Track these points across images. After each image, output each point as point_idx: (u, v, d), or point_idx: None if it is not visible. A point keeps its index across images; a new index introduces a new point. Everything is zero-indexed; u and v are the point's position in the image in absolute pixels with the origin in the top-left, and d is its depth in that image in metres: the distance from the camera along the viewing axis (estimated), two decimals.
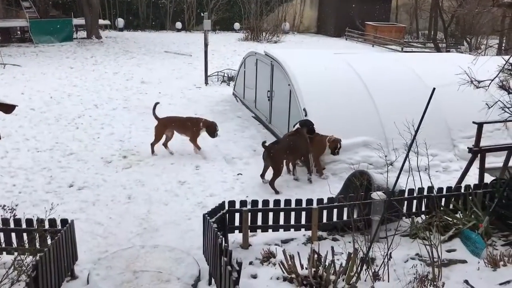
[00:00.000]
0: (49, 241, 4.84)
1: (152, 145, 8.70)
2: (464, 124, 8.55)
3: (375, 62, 10.93)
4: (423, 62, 11.06)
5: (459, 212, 6.19)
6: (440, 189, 6.30)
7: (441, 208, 6.08)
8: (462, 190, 6.33)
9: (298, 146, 7.66)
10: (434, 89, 4.70)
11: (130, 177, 7.83)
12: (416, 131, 4.79)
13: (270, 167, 7.50)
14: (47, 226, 5.03)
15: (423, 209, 6.19)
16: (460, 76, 6.08)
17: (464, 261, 5.34)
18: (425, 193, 6.11)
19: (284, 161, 7.76)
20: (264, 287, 4.80)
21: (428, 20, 28.36)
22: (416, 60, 11.46)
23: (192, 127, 8.66)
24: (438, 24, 24.74)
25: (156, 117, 8.78)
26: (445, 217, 6.02)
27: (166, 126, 8.72)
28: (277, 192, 7.29)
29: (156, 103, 9.06)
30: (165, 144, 8.80)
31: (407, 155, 4.82)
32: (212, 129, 8.60)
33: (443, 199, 6.29)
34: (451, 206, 6.30)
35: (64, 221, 5.12)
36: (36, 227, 4.99)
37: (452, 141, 8.75)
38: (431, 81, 8.84)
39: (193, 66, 17.48)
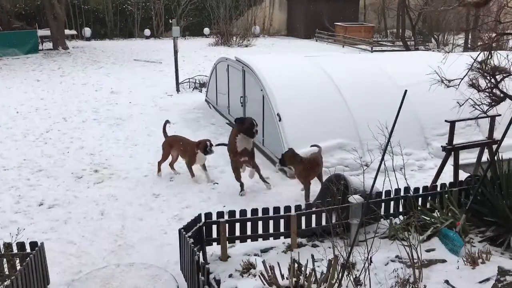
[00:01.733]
0: (18, 266, 4.63)
1: (159, 163, 8.26)
2: (437, 122, 8.65)
3: (346, 63, 10.96)
4: (394, 61, 11.17)
5: (436, 211, 6.21)
6: (416, 189, 6.30)
7: (419, 208, 6.08)
8: (438, 189, 6.36)
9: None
10: (406, 91, 4.68)
11: (103, 192, 7.61)
12: (390, 133, 4.76)
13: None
14: (15, 250, 4.81)
15: (400, 210, 6.19)
16: (430, 76, 6.13)
17: (443, 261, 5.33)
18: (402, 193, 6.10)
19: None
20: None
21: (395, 19, 28.80)
22: (386, 60, 11.57)
23: (190, 150, 8.05)
24: (406, 22, 25.13)
25: (164, 135, 8.42)
26: (422, 216, 6.02)
27: (172, 146, 8.26)
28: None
29: (167, 121, 8.70)
30: (171, 165, 8.34)
31: (382, 158, 4.78)
32: (202, 146, 7.93)
33: (420, 199, 6.31)
34: (428, 205, 6.31)
35: (33, 244, 4.91)
36: (3, 252, 4.76)
37: (425, 140, 8.82)
38: (402, 80, 8.94)
39: (164, 73, 17.28)
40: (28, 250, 4.86)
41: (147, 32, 27.99)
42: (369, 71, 9.95)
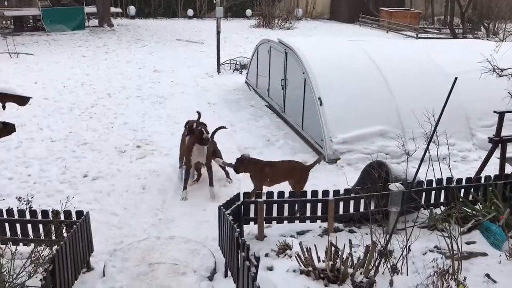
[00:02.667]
0: (65, 233, 4.84)
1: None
2: (483, 112, 8.40)
3: (391, 49, 10.73)
4: (441, 48, 10.84)
5: (479, 203, 6.07)
6: (459, 180, 6.17)
7: (460, 199, 5.96)
8: (482, 181, 6.20)
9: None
10: (456, 78, 4.55)
11: (144, 167, 7.80)
12: (437, 122, 4.66)
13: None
14: (62, 218, 5.02)
15: (442, 200, 6.08)
16: (481, 64, 5.93)
17: (484, 254, 5.23)
18: (444, 184, 5.99)
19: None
20: (281, 280, 4.74)
21: (444, 5, 27.82)
22: (433, 46, 11.24)
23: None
24: (455, 9, 24.24)
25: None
26: (464, 208, 5.90)
27: None
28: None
29: (219, 128, 7.55)
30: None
31: (427, 146, 4.70)
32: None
33: (463, 190, 6.18)
34: (470, 197, 6.18)
35: (79, 213, 5.11)
36: (51, 218, 4.98)
37: (470, 130, 8.58)
38: (449, 68, 8.68)
39: (205, 54, 17.38)
40: (74, 218, 5.07)
41: (190, 12, 28.15)
42: (415, 58, 9.71)
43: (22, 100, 3.78)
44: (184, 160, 7.01)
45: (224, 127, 7.67)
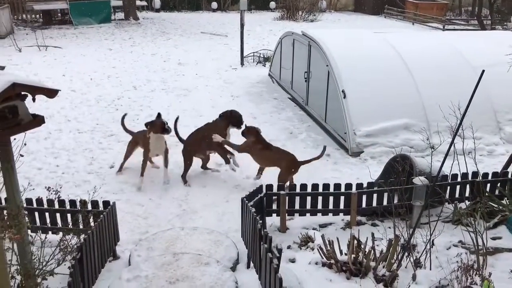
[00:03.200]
0: (92, 222, 4.97)
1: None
2: (511, 106, 8.21)
3: (417, 41, 10.57)
4: (467, 40, 10.63)
5: (505, 198, 5.97)
6: (485, 174, 6.08)
7: (486, 194, 5.87)
8: (510, 176, 6.10)
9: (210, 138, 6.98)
10: (483, 71, 4.47)
11: (170, 158, 7.88)
12: (463, 115, 4.60)
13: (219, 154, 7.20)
14: (89, 208, 5.16)
15: (467, 194, 6.00)
16: (510, 57, 5.81)
17: (511, 250, 5.15)
18: (469, 178, 5.90)
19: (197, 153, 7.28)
20: (303, 272, 4.78)
21: None
22: (460, 38, 11.02)
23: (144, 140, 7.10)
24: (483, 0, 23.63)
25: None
26: (490, 203, 5.82)
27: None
28: (185, 182, 7.02)
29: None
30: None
31: (453, 139, 4.64)
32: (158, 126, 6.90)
33: (489, 185, 6.08)
34: (496, 192, 6.08)
35: (106, 203, 5.24)
36: (79, 208, 5.12)
37: (498, 124, 8.41)
38: (477, 61, 8.52)
39: (229, 47, 17.41)
40: (101, 208, 5.19)
41: (214, 5, 28.19)
42: (441, 50, 9.54)
43: (50, 93, 3.87)
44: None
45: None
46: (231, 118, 7.14)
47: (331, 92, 8.81)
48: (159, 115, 7.11)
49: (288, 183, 6.43)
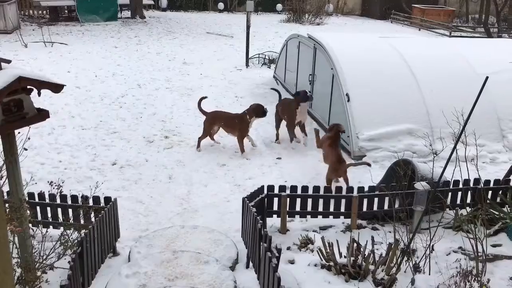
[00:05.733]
0: (92, 218, 4.99)
1: (200, 139, 8.29)
2: None
3: (422, 46, 10.56)
4: (473, 47, 10.62)
5: (507, 206, 5.96)
6: (487, 181, 6.07)
7: (487, 201, 5.86)
8: (511, 183, 6.09)
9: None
10: (487, 78, 4.48)
11: (171, 157, 7.94)
12: (466, 122, 4.60)
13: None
14: (91, 203, 5.18)
15: (468, 201, 6.00)
16: None
17: (510, 257, 5.15)
18: (471, 184, 5.90)
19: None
20: (302, 274, 4.78)
21: (479, 4, 27.13)
22: (465, 45, 11.01)
23: (239, 124, 8.13)
24: (490, 7, 23.63)
25: (203, 112, 8.38)
26: (491, 210, 5.81)
27: (214, 122, 8.29)
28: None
29: (202, 98, 8.58)
30: (211, 137, 8.46)
31: (455, 145, 4.64)
32: (259, 110, 8.18)
33: (490, 192, 6.07)
34: (498, 200, 6.07)
35: (107, 199, 5.25)
36: (81, 203, 5.14)
37: (501, 132, 8.40)
38: (482, 68, 8.51)
39: (234, 47, 17.44)
40: (103, 204, 5.21)
41: (220, 5, 28.24)
42: (446, 56, 9.53)
43: (56, 87, 3.89)
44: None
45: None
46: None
47: (335, 95, 8.81)
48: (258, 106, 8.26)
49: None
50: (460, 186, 5.91)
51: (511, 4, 23.73)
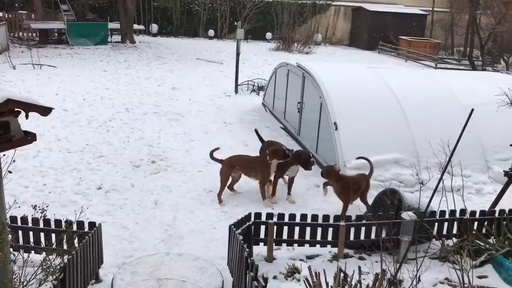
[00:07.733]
0: (76, 243, 4.89)
1: (219, 195, 7.37)
2: (500, 145, 8.32)
3: (409, 77, 10.76)
4: (459, 79, 10.85)
5: (492, 237, 5.99)
6: (473, 212, 6.11)
7: (473, 232, 5.88)
8: (496, 215, 6.13)
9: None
10: (472, 110, 4.55)
11: (158, 182, 7.88)
12: (452, 152, 4.65)
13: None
14: (75, 228, 5.08)
15: (454, 232, 6.01)
16: (499, 97, 5.93)
17: None
18: (457, 215, 5.93)
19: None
20: None
21: (464, 37, 27.83)
22: (451, 77, 11.25)
23: (260, 167, 7.37)
24: (475, 41, 24.23)
25: (217, 160, 7.53)
26: (477, 241, 5.83)
27: (233, 167, 7.45)
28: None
29: (215, 149, 7.75)
30: (230, 187, 7.71)
31: (441, 176, 4.68)
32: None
33: (476, 223, 6.10)
34: (484, 231, 6.10)
35: (91, 224, 5.17)
36: (64, 228, 5.04)
37: (486, 163, 8.50)
38: (467, 99, 8.67)
39: (224, 74, 17.57)
40: (87, 229, 5.12)
41: (211, 32, 28.57)
42: (432, 87, 9.72)
43: (44, 110, 3.86)
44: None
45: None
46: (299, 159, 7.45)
47: (323, 123, 8.89)
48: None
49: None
50: (447, 216, 5.93)
51: (495, 39, 24.37)
